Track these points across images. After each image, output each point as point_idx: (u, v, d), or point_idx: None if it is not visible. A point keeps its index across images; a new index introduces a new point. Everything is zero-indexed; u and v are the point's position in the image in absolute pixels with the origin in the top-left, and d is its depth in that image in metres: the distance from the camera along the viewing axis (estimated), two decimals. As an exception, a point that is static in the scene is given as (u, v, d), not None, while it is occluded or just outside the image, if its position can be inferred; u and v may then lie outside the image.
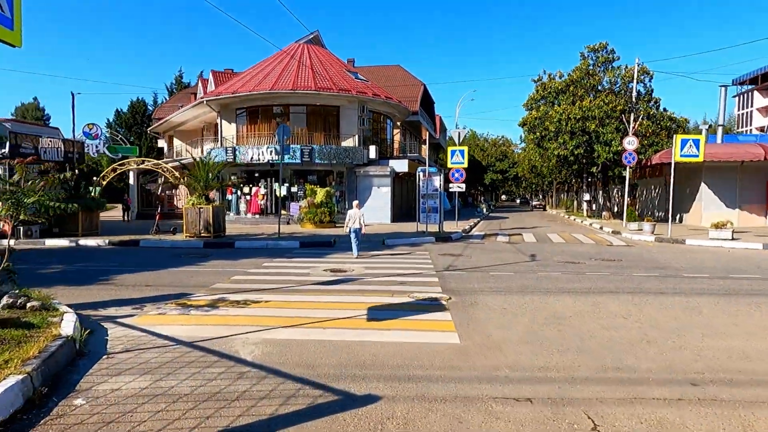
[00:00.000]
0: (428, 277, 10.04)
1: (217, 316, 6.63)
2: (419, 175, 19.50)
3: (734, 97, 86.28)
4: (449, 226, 22.29)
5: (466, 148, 22.22)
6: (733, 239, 16.83)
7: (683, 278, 10.18)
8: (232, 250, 15.04)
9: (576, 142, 25.69)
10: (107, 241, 16.05)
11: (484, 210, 44.18)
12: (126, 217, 28.14)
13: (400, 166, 27.94)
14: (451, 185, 22.42)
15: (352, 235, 13.49)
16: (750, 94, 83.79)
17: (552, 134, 26.82)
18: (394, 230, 21.33)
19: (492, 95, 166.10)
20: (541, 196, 71.09)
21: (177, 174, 18.51)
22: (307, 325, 6.19)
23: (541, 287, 9.02)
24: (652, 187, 32.45)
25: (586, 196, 33.86)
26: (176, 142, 39.66)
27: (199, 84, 36.01)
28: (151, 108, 51.50)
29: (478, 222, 29.63)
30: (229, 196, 28.20)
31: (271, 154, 25.64)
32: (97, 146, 28.03)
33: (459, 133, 22.16)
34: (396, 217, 27.78)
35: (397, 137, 36.81)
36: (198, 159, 16.97)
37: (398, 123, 37.59)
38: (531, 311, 7.13)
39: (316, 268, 11.15)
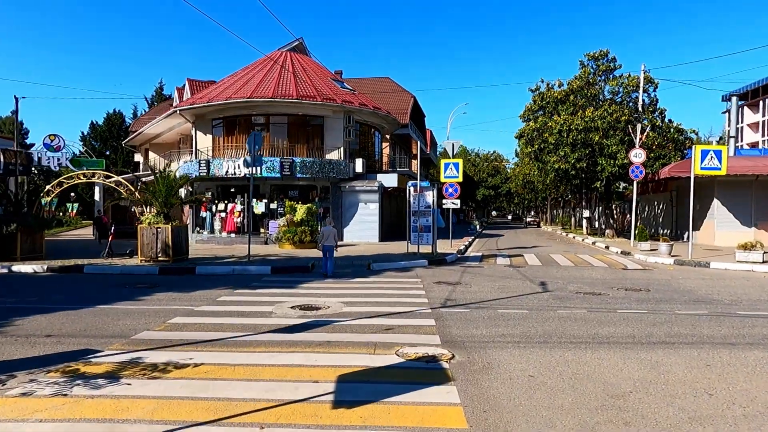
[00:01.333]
0: (422, 318, 7.90)
1: (107, 401, 4.41)
2: (410, 190, 17.46)
3: (723, 113, 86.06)
4: (443, 246, 20.21)
5: (461, 161, 20.27)
6: (764, 262, 14.90)
7: (742, 318, 8.14)
8: (190, 278, 12.79)
9: (578, 155, 23.89)
10: (46, 267, 13.72)
11: (477, 227, 42.25)
12: (99, 237, 25.55)
13: (389, 180, 25.92)
14: (444, 201, 20.41)
15: (326, 253, 13.21)
16: (741, 109, 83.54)
17: (551, 147, 25.03)
18: (382, 251, 19.20)
19: (484, 108, 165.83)
20: (533, 213, 69.47)
21: (132, 188, 16.28)
22: (237, 421, 4.00)
23: (570, 334, 6.92)
24: (656, 203, 30.72)
25: (586, 213, 32.04)
26: (152, 155, 37.40)
27: (176, 94, 33.92)
28: (129, 121, 49.21)
29: (473, 240, 27.60)
30: (203, 213, 25.95)
31: (248, 167, 23.46)
32: (59, 159, 25.67)
33: (453, 145, 20.25)
34: (385, 235, 25.67)
35: (386, 151, 34.89)
36: (158, 172, 14.80)
37: (387, 136, 35.72)
38: (571, 382, 5.00)
39: (282, 305, 8.96)
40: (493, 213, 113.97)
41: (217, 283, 11.87)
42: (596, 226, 31.85)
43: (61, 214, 45.47)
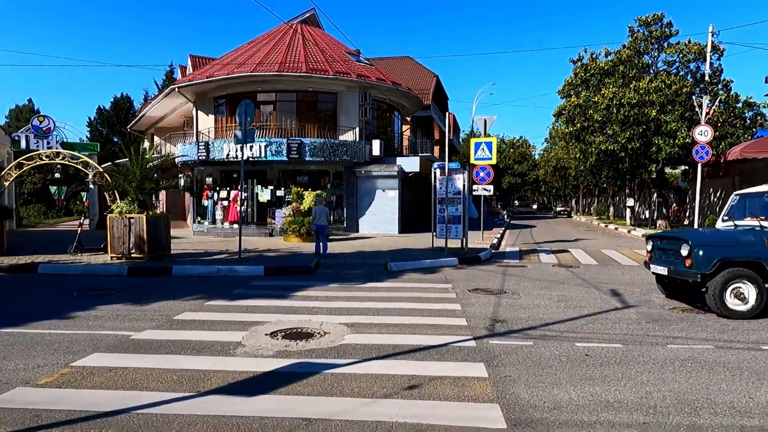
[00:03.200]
0: (463, 359, 5.12)
1: None
2: (435, 174, 14.60)
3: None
4: (473, 239, 17.30)
5: (494, 140, 17.23)
6: None
7: None
8: (161, 282, 10.21)
9: (629, 134, 20.59)
10: (-4, 265, 11.32)
11: (505, 217, 39.11)
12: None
13: (410, 164, 23.04)
14: (475, 187, 17.47)
15: (319, 234, 12.93)
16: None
17: (596, 125, 21.75)
18: (403, 245, 16.40)
19: (513, 89, 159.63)
20: (563, 202, 65.67)
21: (101, 170, 13.73)
22: None
23: (727, 403, 4.04)
24: (711, 190, 27.17)
25: (630, 202, 28.67)
26: (157, 140, 35.16)
27: (179, 72, 31.49)
28: (139, 106, 47.18)
29: (504, 232, 24.59)
30: (204, 202, 23.51)
31: (251, 149, 20.86)
32: (48, 143, 23.47)
33: (485, 121, 17.22)
34: (405, 227, 22.86)
35: (407, 134, 31.94)
36: (132, 152, 12.24)
37: (408, 118, 32.78)
38: None
39: (259, 329, 6.27)
40: (516, 203, 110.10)
41: (190, 289, 9.26)
42: (644, 216, 28.46)
43: (69, 203, 43.86)
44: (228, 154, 21.17)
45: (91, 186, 25.18)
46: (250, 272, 11.02)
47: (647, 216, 28.36)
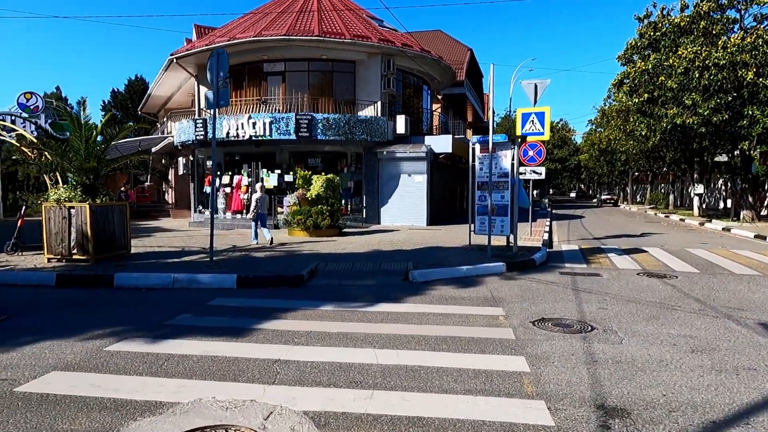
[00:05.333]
0: None
1: None
2: (474, 150, 11.22)
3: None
4: (519, 234, 13.81)
5: (547, 110, 13.70)
6: None
7: None
8: (85, 298, 7.28)
9: (714, 104, 16.57)
10: None
11: (547, 206, 35.24)
12: None
13: (441, 144, 19.63)
14: (522, 169, 14.02)
15: (253, 226, 12.83)
16: None
17: (669, 95, 17.78)
18: (432, 242, 13.12)
19: (553, 66, 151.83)
20: (609, 190, 60.75)
21: (26, 150, 10.80)
22: None
23: None
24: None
25: (699, 188, 24.49)
26: (169, 123, 32.73)
27: (184, 45, 28.74)
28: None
29: (551, 224, 20.93)
30: (206, 189, 20.72)
31: (254, 126, 17.86)
32: (36, 122, 21.09)
33: (536, 86, 13.66)
34: (435, 218, 19.55)
35: (437, 113, 28.41)
36: (75, 121, 9.33)
37: (438, 96, 29.22)
38: None
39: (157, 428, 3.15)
40: (550, 191, 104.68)
41: (115, 314, 6.28)
42: (715, 206, 24.23)
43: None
44: (228, 132, 18.22)
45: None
46: (218, 283, 7.96)
47: (717, 205, 24.13)
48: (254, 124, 17.76)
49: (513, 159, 10.61)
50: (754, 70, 15.69)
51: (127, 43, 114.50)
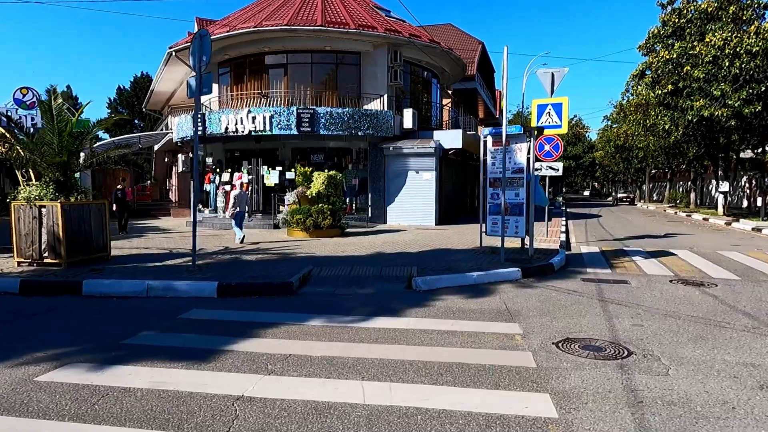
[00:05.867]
0: None
1: None
2: (486, 143, 10.24)
3: None
4: (535, 235, 12.80)
5: (565, 101, 12.70)
6: None
7: None
8: (46, 308, 6.47)
9: (746, 94, 15.39)
10: None
11: (561, 204, 34.10)
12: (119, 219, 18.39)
13: (451, 140, 18.64)
14: (537, 165, 13.00)
15: (233, 224, 12.40)
16: None
17: (696, 86, 16.60)
18: (439, 244, 12.17)
19: (567, 60, 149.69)
20: (624, 187, 59.15)
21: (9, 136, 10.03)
22: None
23: None
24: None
25: (724, 186, 23.20)
26: (169, 119, 32.10)
27: (184, 38, 28.00)
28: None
29: (567, 224, 19.86)
30: (207, 186, 19.96)
31: (253, 121, 17.03)
32: (33, 118, 20.50)
33: (552, 76, 12.61)
34: (444, 218, 18.58)
35: (447, 108, 27.39)
36: (48, 111, 8.53)
37: (448, 91, 28.21)
38: None
39: None
40: (563, 189, 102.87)
41: (69, 332, 5.45)
42: (745, 204, 22.91)
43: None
44: (227, 127, 17.41)
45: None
46: (197, 291, 7.09)
47: (740, 203, 22.81)
48: (254, 118, 16.92)
49: (529, 152, 9.62)
50: (791, 57, 14.49)
51: (133, 41, 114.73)
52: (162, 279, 7.42)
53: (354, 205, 18.65)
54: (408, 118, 18.28)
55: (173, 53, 20.00)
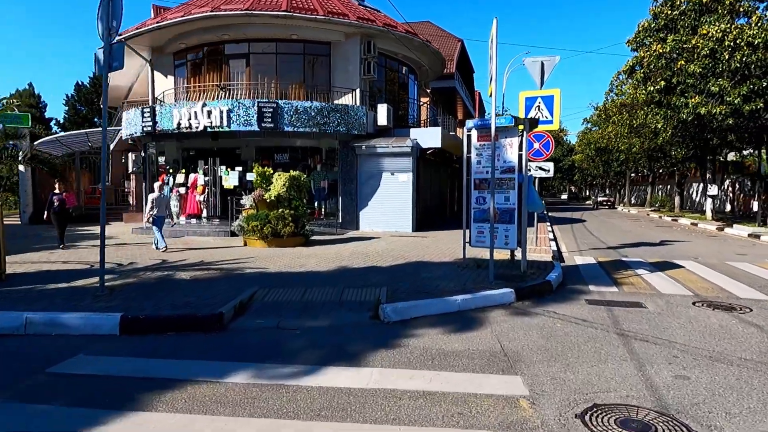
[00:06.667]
0: None
1: None
2: (470, 138, 8.71)
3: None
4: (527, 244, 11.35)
5: (557, 93, 11.35)
6: None
7: None
8: None
9: (746, 90, 14.26)
10: None
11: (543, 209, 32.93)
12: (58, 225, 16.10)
13: (429, 138, 17.12)
14: (529, 165, 11.51)
15: (155, 230, 11.17)
16: None
17: (691, 81, 15.44)
18: (416, 255, 10.58)
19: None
20: (603, 191, 58.64)
21: None
22: None
23: None
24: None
25: (713, 190, 22.28)
26: (123, 115, 29.89)
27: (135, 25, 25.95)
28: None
29: (552, 230, 18.54)
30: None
31: (209, 115, 15.22)
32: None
33: (542, 65, 11.19)
34: (422, 223, 17.04)
35: (425, 107, 25.93)
36: None
37: (427, 90, 26.78)
38: None
39: None
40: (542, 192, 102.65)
41: None
42: (728, 208, 21.96)
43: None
44: (179, 123, 15.54)
45: (22, 168, 19.96)
46: (92, 328, 5.33)
47: (724, 207, 21.84)
48: (209, 113, 15.11)
49: (521, 149, 8.11)
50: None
51: (92, 32, 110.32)
52: (52, 309, 5.64)
53: (323, 209, 16.98)
54: (382, 114, 16.70)
55: (123, 41, 17.98)
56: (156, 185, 11.96)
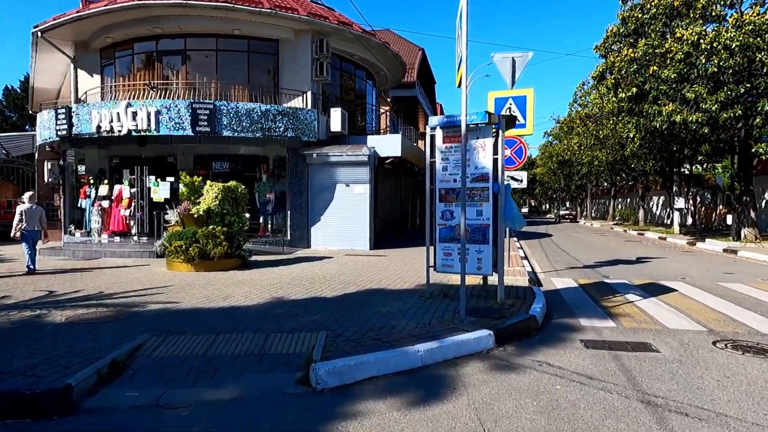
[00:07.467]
0: None
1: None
2: (433, 139, 7.15)
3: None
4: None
5: (530, 93, 10.04)
6: None
7: None
8: None
9: (724, 96, 13.41)
10: None
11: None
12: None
13: (388, 146, 15.60)
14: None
15: (24, 247, 9.95)
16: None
17: (665, 88, 14.55)
18: (371, 279, 8.90)
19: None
20: (566, 204, 58.78)
21: None
22: None
23: None
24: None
25: (680, 203, 21.69)
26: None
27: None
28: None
29: (521, 247, 17.30)
30: (82, 202, 15.70)
31: (134, 117, 13.19)
32: None
33: (513, 62, 9.88)
34: (380, 239, 15.42)
35: (385, 115, 24.50)
36: None
37: (386, 97, 25.43)
38: None
39: None
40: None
41: None
42: (689, 221, 21.41)
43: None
44: (99, 126, 13.42)
45: None
46: None
47: (684, 221, 21.28)
48: (135, 114, 13.09)
49: (496, 152, 6.62)
50: (773, 54, 12.62)
51: (22, 34, 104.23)
52: None
53: (270, 225, 15.12)
54: (336, 119, 15.08)
55: (39, 34, 15.75)
56: (26, 195, 10.12)
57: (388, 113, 24.60)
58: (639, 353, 5.09)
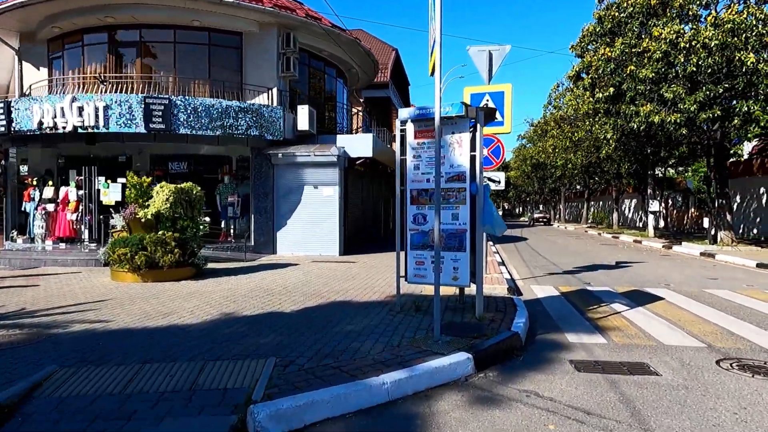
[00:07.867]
0: None
1: None
2: (404, 134, 6.41)
3: None
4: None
5: (508, 89, 9.44)
6: None
7: None
8: None
9: (703, 97, 13.08)
10: None
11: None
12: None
13: (359, 146, 14.83)
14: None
15: None
16: None
17: (642, 88, 14.19)
18: (336, 291, 8.11)
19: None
20: (540, 207, 58.98)
21: None
22: None
23: None
24: (753, 191, 20.29)
25: (654, 206, 21.55)
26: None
27: None
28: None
29: (497, 251, 16.76)
30: (26, 206, 14.41)
31: (80, 113, 12.08)
32: None
33: (490, 55, 9.31)
34: (351, 244, 14.62)
35: (357, 116, 23.74)
36: None
37: (358, 97, 24.70)
38: None
39: None
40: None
41: None
42: (662, 224, 21.31)
43: None
44: (41, 121, 12.26)
45: None
46: None
47: (657, 223, 21.17)
48: (81, 109, 11.98)
49: (475, 148, 5.92)
50: (753, 52, 12.37)
51: None
52: None
53: (232, 230, 14.16)
54: (303, 117, 14.23)
55: (-22, 22, 14.45)
56: None
57: (360, 113, 23.84)
58: (637, 377, 4.44)
